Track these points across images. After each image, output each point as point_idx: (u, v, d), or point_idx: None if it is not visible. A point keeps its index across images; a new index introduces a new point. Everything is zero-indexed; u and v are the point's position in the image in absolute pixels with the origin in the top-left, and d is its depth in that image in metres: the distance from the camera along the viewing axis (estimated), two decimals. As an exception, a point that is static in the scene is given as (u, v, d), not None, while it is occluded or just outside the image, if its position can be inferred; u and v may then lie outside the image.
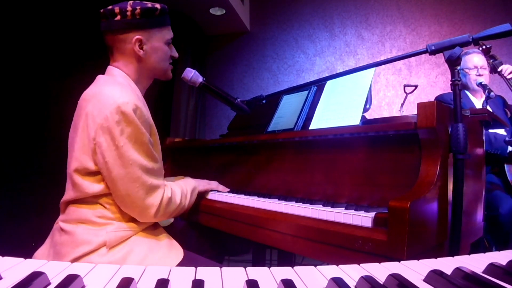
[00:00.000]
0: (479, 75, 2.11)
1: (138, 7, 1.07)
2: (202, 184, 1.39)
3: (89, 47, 2.28)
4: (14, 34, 2.05)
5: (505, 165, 1.88)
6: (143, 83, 1.19)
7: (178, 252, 1.11)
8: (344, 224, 0.90)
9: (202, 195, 1.40)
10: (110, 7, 1.08)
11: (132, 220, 1.08)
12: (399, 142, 0.98)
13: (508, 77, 2.06)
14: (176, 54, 1.22)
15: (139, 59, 1.12)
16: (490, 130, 1.87)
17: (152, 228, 1.16)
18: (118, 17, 1.07)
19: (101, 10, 1.09)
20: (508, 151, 1.83)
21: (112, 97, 0.99)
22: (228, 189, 1.45)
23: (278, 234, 1.07)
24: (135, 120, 1.00)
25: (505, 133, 1.96)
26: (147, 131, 1.05)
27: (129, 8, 1.06)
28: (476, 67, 2.13)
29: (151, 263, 1.03)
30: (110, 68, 1.14)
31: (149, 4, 1.09)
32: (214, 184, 1.45)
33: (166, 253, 1.08)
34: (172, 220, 1.47)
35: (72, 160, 1.05)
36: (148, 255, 1.04)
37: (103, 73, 1.15)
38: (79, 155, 1.02)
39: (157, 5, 1.10)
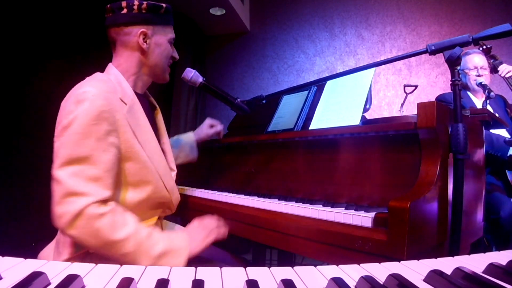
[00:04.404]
0: (479, 75, 2.11)
1: (144, 2, 1.10)
2: (197, 244, 1.03)
3: (87, 45, 2.29)
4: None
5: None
6: (141, 81, 1.17)
7: None
8: (344, 224, 0.90)
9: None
10: (117, 2, 1.10)
11: None
12: (399, 142, 0.98)
13: (507, 76, 2.06)
14: (177, 56, 1.22)
15: (142, 52, 1.12)
16: (493, 132, 1.87)
17: (153, 227, 1.15)
18: (125, 11, 1.09)
19: (108, 6, 1.11)
20: (508, 154, 1.82)
21: (77, 88, 0.97)
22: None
23: (278, 234, 1.07)
24: (88, 111, 0.91)
25: (508, 136, 1.96)
26: (110, 128, 0.94)
27: (136, 2, 1.09)
28: (476, 67, 2.13)
29: None
30: (108, 66, 1.14)
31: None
32: (212, 235, 1.10)
33: None
34: None
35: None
36: None
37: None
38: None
39: (163, 4, 1.13)
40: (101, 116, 0.93)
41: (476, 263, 0.55)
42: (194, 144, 1.58)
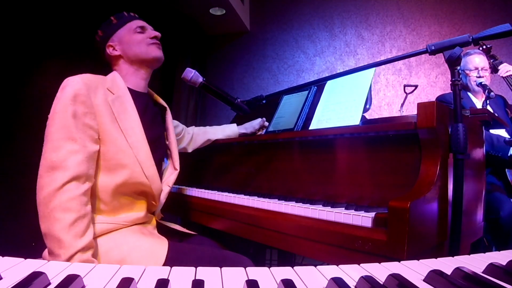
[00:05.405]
0: (480, 76, 2.10)
1: (99, 30, 1.27)
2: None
3: (86, 44, 2.29)
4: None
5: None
6: (138, 78, 1.25)
7: (162, 247, 1.07)
8: (344, 224, 0.90)
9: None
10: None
11: (112, 212, 1.09)
12: (399, 142, 0.98)
13: (505, 75, 2.06)
14: (154, 33, 1.27)
15: (120, 57, 1.24)
16: (493, 132, 1.87)
17: (139, 224, 1.16)
18: (99, 46, 1.28)
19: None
20: (509, 154, 1.82)
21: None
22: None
23: (278, 234, 1.07)
24: (66, 93, 1.01)
25: (508, 136, 1.95)
26: (86, 110, 1.03)
27: (96, 36, 1.28)
28: (477, 68, 2.12)
29: (134, 261, 1.01)
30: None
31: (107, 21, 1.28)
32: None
33: (150, 250, 1.05)
34: None
35: None
36: (130, 253, 1.02)
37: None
38: None
39: (112, 17, 1.28)
40: (77, 98, 1.02)
41: (476, 263, 0.55)
42: (237, 135, 1.69)
